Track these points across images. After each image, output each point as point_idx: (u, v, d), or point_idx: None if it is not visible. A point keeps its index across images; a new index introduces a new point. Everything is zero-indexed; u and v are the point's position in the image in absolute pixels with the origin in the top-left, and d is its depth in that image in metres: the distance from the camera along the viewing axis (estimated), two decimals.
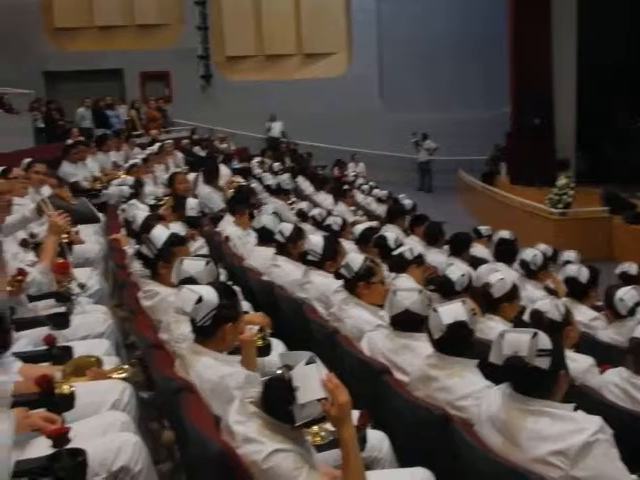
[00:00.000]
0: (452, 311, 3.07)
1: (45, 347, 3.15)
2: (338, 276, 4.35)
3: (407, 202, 10.08)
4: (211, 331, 2.94)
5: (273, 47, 20.83)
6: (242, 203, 6.97)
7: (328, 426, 2.53)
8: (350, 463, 2.32)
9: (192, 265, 3.57)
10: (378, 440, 2.93)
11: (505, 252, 6.20)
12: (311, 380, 2.22)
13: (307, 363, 2.25)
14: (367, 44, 20.76)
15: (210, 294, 2.92)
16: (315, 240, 4.91)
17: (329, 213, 8.01)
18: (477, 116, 19.32)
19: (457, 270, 4.52)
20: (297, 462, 2.20)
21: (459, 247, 6.35)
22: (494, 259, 6.36)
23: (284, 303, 4.64)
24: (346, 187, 11.32)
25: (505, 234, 6.69)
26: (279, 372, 2.29)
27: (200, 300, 2.90)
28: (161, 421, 3.71)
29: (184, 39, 20.04)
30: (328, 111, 19.34)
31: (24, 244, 4.61)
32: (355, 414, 2.73)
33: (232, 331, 2.97)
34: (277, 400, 2.26)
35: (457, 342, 3.09)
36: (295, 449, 2.23)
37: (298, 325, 4.31)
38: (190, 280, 3.42)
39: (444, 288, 4.32)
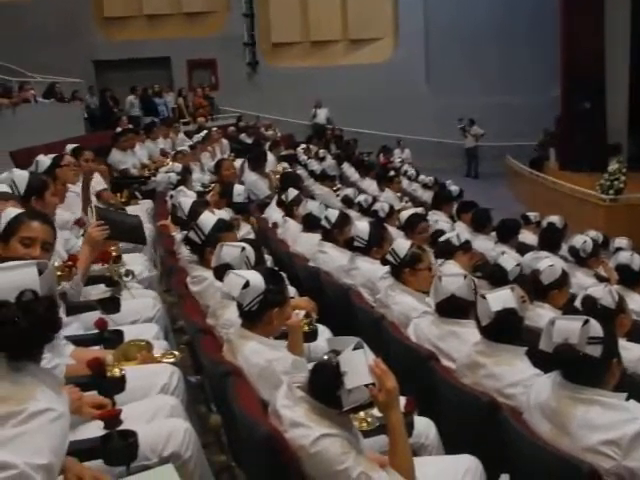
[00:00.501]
0: (501, 298, 3.03)
1: (96, 331, 3.21)
2: (384, 262, 4.34)
3: (454, 188, 9.96)
4: (258, 316, 2.96)
5: (319, 33, 20.75)
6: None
7: (375, 412, 2.53)
8: (398, 448, 2.32)
9: (228, 252, 3.59)
10: (425, 426, 2.92)
11: (550, 239, 6.05)
12: (359, 365, 2.22)
13: (355, 348, 2.25)
14: (413, 29, 20.51)
15: (257, 279, 2.94)
16: (361, 226, 4.90)
17: (375, 199, 7.97)
18: (525, 101, 18.96)
19: (511, 259, 4.44)
20: (344, 447, 2.20)
21: (507, 234, 6.26)
22: (538, 246, 6.24)
23: (330, 289, 4.65)
24: (392, 173, 11.21)
25: (555, 220, 6.58)
26: (326, 357, 2.29)
27: (247, 285, 2.92)
28: (208, 405, 3.76)
29: (230, 26, 20.10)
30: (373, 97, 19.21)
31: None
32: (402, 400, 2.73)
33: (279, 316, 2.99)
34: (324, 385, 2.26)
35: (506, 329, 3.05)
36: (342, 434, 2.23)
37: (344, 311, 4.31)
38: (226, 266, 3.44)
39: (495, 276, 4.26)
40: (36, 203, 3.88)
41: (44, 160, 5.41)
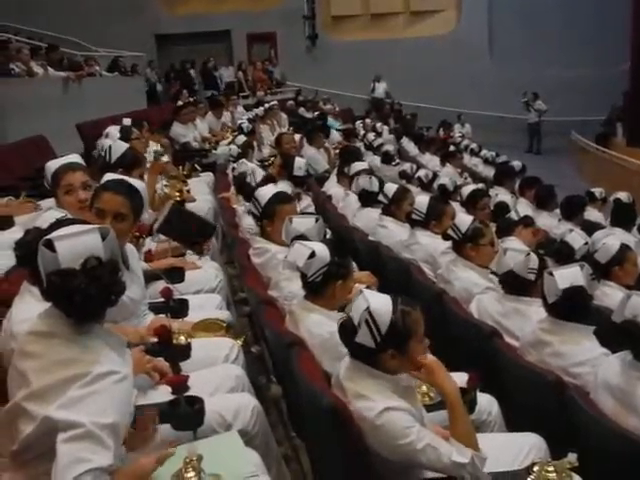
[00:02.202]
0: (569, 275, 2.97)
1: (162, 300, 3.27)
2: (446, 237, 4.30)
3: (516, 164, 9.77)
4: (321, 288, 2.97)
5: (379, 5, 20.46)
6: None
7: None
8: (457, 417, 2.31)
9: (302, 222, 3.59)
10: (487, 403, 2.89)
11: (623, 216, 5.87)
12: (360, 306, 2.27)
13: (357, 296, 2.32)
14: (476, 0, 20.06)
15: (323, 250, 2.95)
16: (421, 200, 4.86)
17: (435, 175, 7.88)
18: (591, 74, 18.38)
19: (578, 237, 4.33)
20: (409, 420, 2.20)
21: (572, 211, 6.12)
22: (609, 224, 6.07)
23: (390, 263, 4.63)
24: (452, 149, 11.07)
25: (623, 196, 6.38)
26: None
27: (313, 255, 2.93)
28: (268, 376, 3.81)
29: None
30: (434, 71, 18.91)
31: None
32: (464, 376, 2.71)
33: (341, 289, 2.98)
34: (348, 342, 2.31)
35: (573, 307, 2.99)
36: (406, 407, 2.23)
37: (404, 286, 4.28)
38: (301, 237, 3.44)
39: (562, 254, 4.16)
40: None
41: (114, 131, 5.52)
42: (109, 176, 3.12)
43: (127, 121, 6.67)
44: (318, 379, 2.43)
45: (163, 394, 2.47)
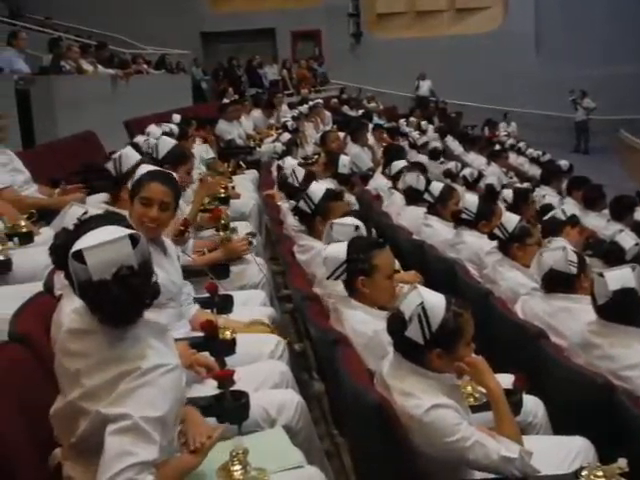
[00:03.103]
0: (620, 277, 2.90)
1: (207, 295, 3.30)
2: (492, 237, 4.25)
3: (563, 163, 9.62)
4: (350, 285, 2.99)
5: (424, 3, 20.35)
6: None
7: (482, 388, 2.50)
8: (501, 413, 2.30)
9: (342, 231, 3.49)
10: (533, 405, 2.85)
11: None
12: (412, 302, 2.26)
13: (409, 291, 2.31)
14: None
15: (335, 251, 3.00)
16: (470, 199, 4.82)
17: (480, 174, 7.79)
18: None
19: (629, 238, 4.23)
20: (456, 417, 2.19)
21: (621, 211, 5.98)
22: None
23: (435, 263, 4.59)
24: (498, 147, 10.94)
25: None
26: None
27: (325, 257, 2.99)
28: (311, 372, 3.82)
29: None
30: (479, 68, 18.72)
31: None
32: (510, 378, 2.68)
33: (370, 285, 2.94)
34: (396, 335, 2.30)
35: (623, 310, 2.92)
36: (453, 404, 2.21)
37: (449, 286, 4.23)
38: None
39: (611, 255, 4.08)
40: None
41: (155, 130, 5.59)
42: (146, 167, 3.14)
43: (176, 118, 6.75)
44: (362, 376, 2.43)
45: (209, 388, 2.50)
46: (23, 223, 3.79)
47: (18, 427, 1.97)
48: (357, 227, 3.49)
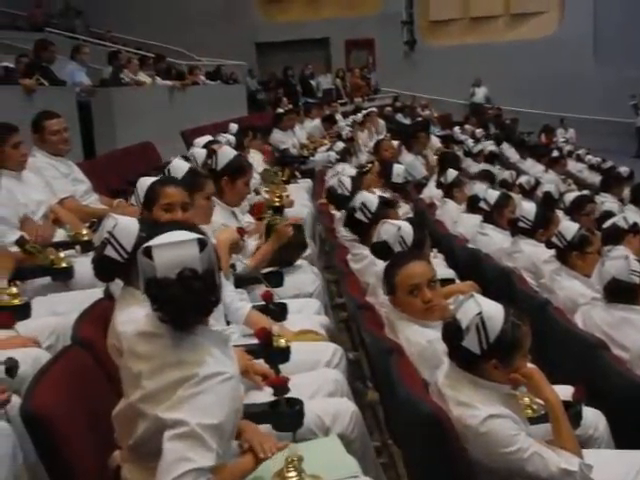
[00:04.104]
0: None
1: (262, 303, 3.33)
2: (549, 245, 4.18)
3: (623, 170, 9.38)
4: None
5: (479, 9, 20.12)
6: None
7: (539, 400, 2.45)
8: (560, 424, 2.26)
9: (387, 229, 3.55)
10: (594, 417, 2.78)
11: None
12: (469, 310, 2.24)
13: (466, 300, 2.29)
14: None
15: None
16: (528, 207, 4.75)
17: (538, 181, 7.67)
18: None
19: None
20: (514, 428, 2.16)
21: None
22: None
23: (491, 272, 4.53)
24: (555, 154, 10.73)
25: None
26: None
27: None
28: (365, 381, 3.81)
29: (388, 5, 19.87)
30: (535, 74, 18.40)
31: None
32: (569, 389, 2.62)
33: (396, 302, 2.95)
34: (452, 344, 2.28)
35: None
36: (510, 415, 2.18)
37: (505, 295, 4.16)
38: (383, 244, 3.49)
39: None
40: (226, 184, 3.99)
41: (200, 141, 5.68)
42: (145, 180, 3.25)
43: (234, 127, 6.83)
44: (417, 386, 2.42)
45: (263, 395, 2.51)
46: (84, 231, 3.92)
47: (81, 429, 2.02)
48: (399, 228, 3.50)
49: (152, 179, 3.35)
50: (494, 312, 2.21)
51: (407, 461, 2.83)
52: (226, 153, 4.19)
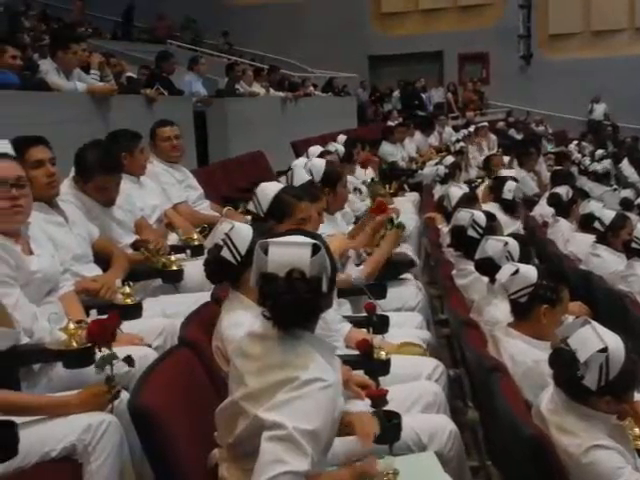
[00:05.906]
0: None
1: (365, 314, 3.33)
2: None
3: None
4: (525, 310, 2.88)
5: (602, 22, 19.37)
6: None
7: None
8: None
9: (492, 245, 3.49)
10: None
11: None
12: (588, 339, 2.15)
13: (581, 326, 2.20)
14: None
15: (529, 270, 2.87)
16: None
17: None
18: None
19: None
20: (619, 460, 2.06)
21: None
22: None
23: (603, 295, 4.34)
24: None
25: None
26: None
27: (517, 272, 2.87)
28: (465, 399, 3.73)
29: (505, 18, 19.55)
30: None
31: None
32: None
33: (549, 315, 2.85)
34: (562, 372, 2.20)
35: None
36: (616, 447, 2.09)
37: (619, 320, 3.99)
38: (488, 260, 3.42)
39: None
40: (328, 194, 4.01)
41: (314, 151, 5.73)
42: (266, 186, 3.37)
43: (342, 138, 6.89)
44: (520, 407, 2.35)
45: (362, 406, 2.51)
46: (195, 236, 4.05)
47: (184, 426, 2.09)
48: (506, 243, 3.44)
49: (272, 185, 3.44)
50: (617, 349, 2.12)
51: None
52: (317, 165, 4.22)
